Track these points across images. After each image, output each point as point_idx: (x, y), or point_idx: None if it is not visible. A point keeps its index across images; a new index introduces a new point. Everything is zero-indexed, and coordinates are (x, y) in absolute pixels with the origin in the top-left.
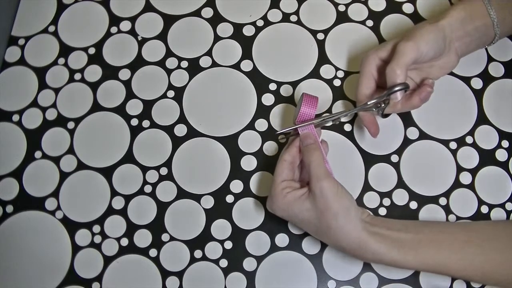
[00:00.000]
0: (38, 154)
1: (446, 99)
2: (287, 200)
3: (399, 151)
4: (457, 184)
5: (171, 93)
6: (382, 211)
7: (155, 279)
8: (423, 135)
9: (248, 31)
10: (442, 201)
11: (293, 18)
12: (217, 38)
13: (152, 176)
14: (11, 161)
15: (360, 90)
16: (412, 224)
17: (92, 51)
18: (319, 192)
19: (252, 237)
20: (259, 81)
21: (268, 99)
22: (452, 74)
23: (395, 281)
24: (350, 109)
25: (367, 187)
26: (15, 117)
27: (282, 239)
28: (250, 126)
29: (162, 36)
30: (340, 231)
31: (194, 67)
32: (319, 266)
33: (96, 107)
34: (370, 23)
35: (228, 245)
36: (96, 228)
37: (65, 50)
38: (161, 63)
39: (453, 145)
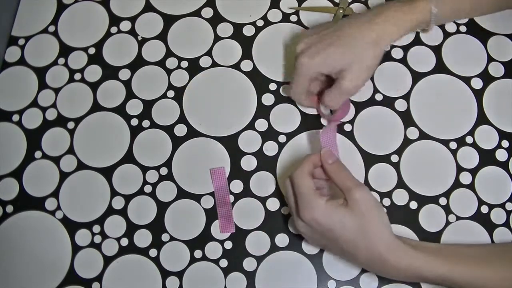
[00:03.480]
0: (38, 154)
1: (446, 99)
2: (329, 207)
3: (399, 151)
4: (457, 184)
5: (171, 93)
6: None
7: (155, 279)
8: (423, 135)
9: (248, 31)
10: (442, 201)
11: (293, 18)
12: (217, 38)
13: (152, 176)
14: (11, 161)
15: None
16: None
17: (92, 51)
18: (360, 197)
19: (252, 237)
20: (259, 81)
21: (268, 99)
22: (452, 74)
23: (395, 281)
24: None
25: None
26: (15, 117)
27: (282, 239)
28: (250, 126)
29: (162, 36)
30: (381, 234)
31: (194, 67)
32: (319, 266)
33: (96, 107)
34: None
35: (228, 245)
36: (96, 228)
37: (65, 50)
38: (161, 63)
39: (453, 145)
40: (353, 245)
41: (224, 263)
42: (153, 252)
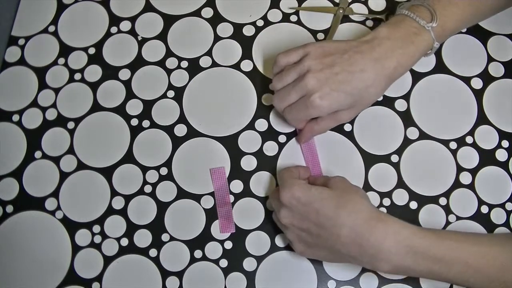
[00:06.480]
0: (38, 154)
1: (446, 99)
2: (308, 185)
3: (399, 151)
4: (457, 184)
5: (171, 93)
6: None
7: (155, 279)
8: (423, 135)
9: (248, 31)
10: (442, 201)
11: (293, 18)
12: (217, 38)
13: (152, 176)
14: (11, 161)
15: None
16: None
17: (92, 51)
18: (338, 179)
19: (252, 237)
20: (259, 81)
21: (268, 99)
22: (452, 74)
23: (395, 281)
24: None
25: (367, 187)
26: (15, 117)
27: (282, 239)
28: (250, 126)
29: (162, 36)
30: (362, 201)
31: (194, 67)
32: (319, 266)
33: (96, 107)
34: (370, 23)
35: (228, 245)
36: (96, 228)
37: (65, 50)
38: (161, 63)
39: (453, 145)
40: (336, 216)
41: (224, 263)
42: (153, 252)
